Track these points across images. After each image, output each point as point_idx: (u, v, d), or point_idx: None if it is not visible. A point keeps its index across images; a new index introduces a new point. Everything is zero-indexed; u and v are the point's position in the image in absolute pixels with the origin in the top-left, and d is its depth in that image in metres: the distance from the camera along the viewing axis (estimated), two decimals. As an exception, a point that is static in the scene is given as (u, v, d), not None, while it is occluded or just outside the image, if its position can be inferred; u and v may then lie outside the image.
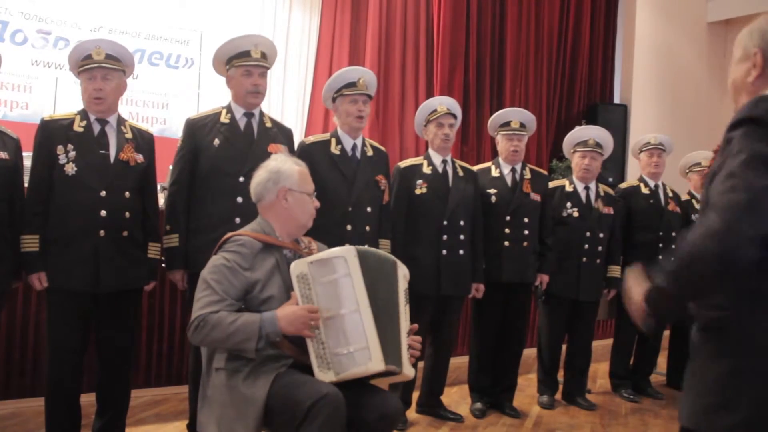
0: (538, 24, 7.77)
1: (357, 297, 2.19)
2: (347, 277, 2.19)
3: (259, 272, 2.25)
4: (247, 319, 2.14)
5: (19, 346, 3.63)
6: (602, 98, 8.21)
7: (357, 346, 2.16)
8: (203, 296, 2.20)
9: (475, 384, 4.06)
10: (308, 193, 2.42)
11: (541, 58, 7.78)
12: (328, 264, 2.21)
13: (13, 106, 5.80)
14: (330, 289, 2.19)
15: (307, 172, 2.47)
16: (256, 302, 2.23)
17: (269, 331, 2.13)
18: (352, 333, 2.17)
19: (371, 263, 2.26)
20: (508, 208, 3.88)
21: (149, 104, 6.30)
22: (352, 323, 2.17)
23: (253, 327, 2.12)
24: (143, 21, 6.36)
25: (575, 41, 8.06)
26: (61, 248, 2.79)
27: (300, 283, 2.19)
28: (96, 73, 2.87)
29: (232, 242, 2.29)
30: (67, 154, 2.80)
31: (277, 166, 2.40)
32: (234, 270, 2.22)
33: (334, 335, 2.17)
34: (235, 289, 2.21)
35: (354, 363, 2.16)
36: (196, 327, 2.17)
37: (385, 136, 6.71)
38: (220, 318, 2.14)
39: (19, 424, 3.40)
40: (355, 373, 2.16)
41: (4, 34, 5.79)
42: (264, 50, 3.16)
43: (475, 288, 3.80)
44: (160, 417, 3.63)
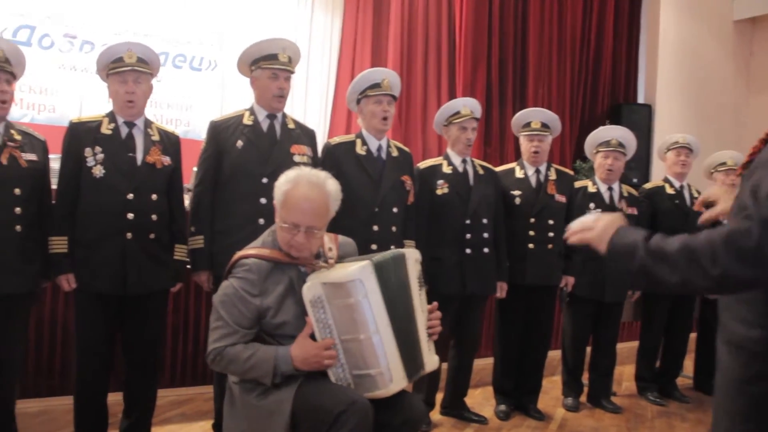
0: (561, 23, 7.72)
1: (376, 319, 2.09)
2: (364, 299, 2.08)
3: (270, 297, 2.18)
4: (261, 356, 2.11)
5: (48, 345, 3.67)
6: (626, 98, 8.14)
7: (377, 369, 2.11)
8: (217, 327, 2.18)
9: (500, 386, 4.04)
10: (282, 221, 2.19)
11: (564, 58, 7.73)
12: (343, 288, 2.08)
13: (41, 109, 5.88)
14: (346, 312, 2.09)
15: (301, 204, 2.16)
16: (270, 327, 2.20)
17: (284, 370, 2.11)
18: (371, 356, 2.10)
19: (389, 275, 2.16)
20: (532, 210, 3.85)
21: (173, 106, 6.35)
22: (370, 347, 2.10)
23: (268, 366, 2.10)
24: (167, 24, 6.42)
25: (598, 40, 8.00)
26: (89, 250, 2.82)
27: (314, 308, 2.12)
28: (128, 76, 2.90)
29: (240, 267, 2.20)
30: (95, 157, 2.83)
31: (279, 177, 2.27)
32: (243, 299, 2.16)
33: (353, 358, 2.12)
34: (247, 318, 2.16)
35: (375, 386, 2.12)
36: (212, 360, 2.18)
37: (407, 137, 6.71)
38: (235, 354, 2.13)
39: (48, 422, 3.44)
40: (376, 395, 2.12)
41: (32, 39, 5.87)
42: (290, 54, 3.18)
43: (500, 287, 3.78)
44: (185, 417, 3.65)
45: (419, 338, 2.24)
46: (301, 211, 2.16)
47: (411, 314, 2.22)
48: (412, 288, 2.23)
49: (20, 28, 5.84)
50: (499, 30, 7.27)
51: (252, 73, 3.19)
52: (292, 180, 2.22)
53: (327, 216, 2.24)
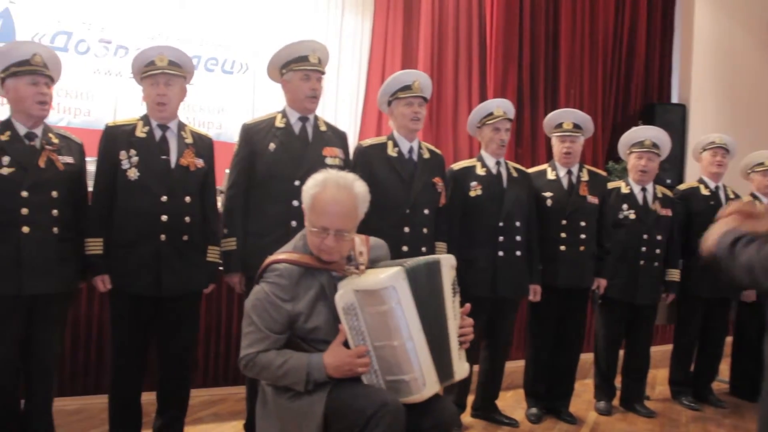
0: (593, 23, 7.63)
1: (409, 325, 2.08)
2: (397, 305, 2.06)
3: (302, 303, 2.17)
4: (294, 364, 2.11)
5: (84, 345, 3.75)
6: (660, 98, 8.02)
7: (410, 375, 2.10)
8: (249, 332, 2.19)
9: (531, 389, 4.01)
10: (311, 225, 2.18)
11: (596, 58, 7.64)
12: (376, 295, 2.07)
13: (77, 113, 5.99)
14: (379, 319, 2.08)
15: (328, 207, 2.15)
16: (302, 332, 2.19)
17: (317, 378, 2.11)
18: (405, 362, 2.09)
19: (421, 281, 2.14)
20: (564, 212, 3.82)
21: (205, 109, 6.43)
22: (404, 353, 2.09)
23: (301, 373, 2.10)
24: (199, 28, 6.50)
25: (631, 39, 7.89)
26: (124, 252, 2.86)
27: (347, 315, 2.11)
28: (159, 79, 2.94)
29: (271, 272, 2.19)
30: (130, 160, 2.87)
31: (307, 181, 2.25)
32: (274, 304, 2.15)
33: (386, 364, 2.12)
34: (278, 324, 2.16)
35: (408, 391, 2.11)
36: (245, 366, 2.19)
37: (438, 139, 6.70)
38: (268, 361, 2.14)
39: (84, 419, 3.51)
40: (409, 400, 2.11)
41: (68, 44, 5.98)
42: (320, 56, 3.20)
43: (533, 290, 3.75)
44: (217, 416, 3.69)
45: (450, 346, 2.21)
46: (329, 214, 2.15)
47: (443, 321, 2.20)
48: (446, 294, 2.21)
49: (57, 34, 5.97)
50: (530, 30, 7.22)
51: (283, 76, 3.21)
52: (319, 183, 2.20)
53: (356, 218, 2.23)
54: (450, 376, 2.22)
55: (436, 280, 2.20)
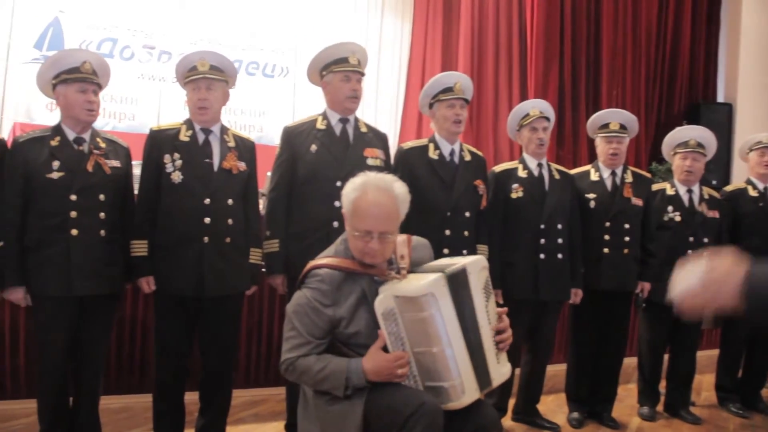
0: (636, 21, 7.51)
1: (448, 332, 2.06)
2: (437, 312, 2.04)
3: (343, 308, 2.17)
4: (333, 369, 2.11)
5: (128, 345, 3.82)
6: (705, 97, 7.86)
7: (450, 382, 2.08)
8: (290, 337, 2.19)
9: (573, 393, 3.96)
10: (354, 229, 2.17)
11: (639, 57, 7.52)
12: (416, 302, 2.05)
13: (122, 118, 6.13)
14: (419, 325, 2.07)
15: (371, 209, 2.14)
16: (343, 337, 2.19)
17: (356, 383, 2.10)
18: (444, 369, 2.08)
19: (461, 288, 2.12)
20: (607, 214, 3.76)
21: (246, 112, 6.52)
22: (443, 360, 2.07)
23: (340, 378, 2.10)
24: (240, 32, 6.59)
25: (675, 38, 7.75)
26: (168, 253, 2.91)
27: (386, 321, 2.11)
28: (201, 83, 2.98)
29: (312, 277, 2.19)
30: (174, 163, 2.92)
31: (346, 185, 2.25)
32: (316, 309, 2.15)
33: (425, 370, 2.11)
34: (319, 329, 2.16)
35: (447, 398, 2.10)
36: (285, 369, 2.20)
37: (479, 141, 6.68)
38: (307, 365, 2.14)
39: (129, 418, 3.57)
40: (449, 407, 2.10)
41: (114, 50, 6.14)
42: (359, 57, 3.22)
43: (574, 293, 3.71)
44: (258, 417, 3.72)
45: (485, 352, 2.18)
46: (372, 217, 2.14)
47: (476, 329, 2.17)
48: (476, 300, 2.16)
49: (104, 40, 6.12)
50: (572, 30, 7.15)
51: (323, 78, 3.23)
52: (359, 187, 2.19)
53: (398, 220, 2.22)
54: (488, 383, 2.20)
55: (464, 287, 2.17)
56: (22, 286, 2.78)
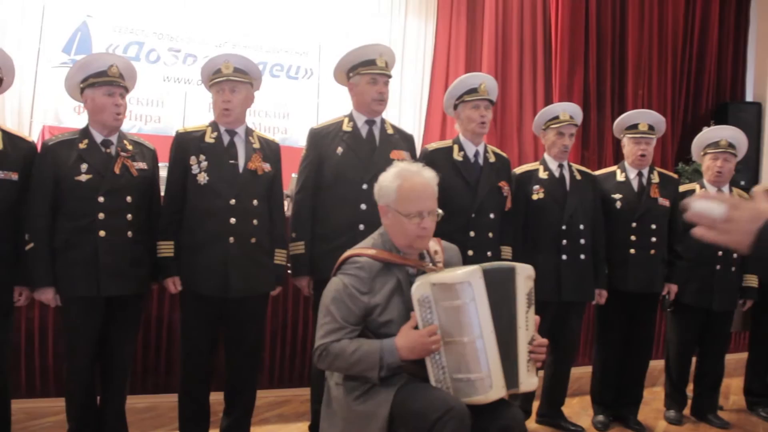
0: (662, 19, 7.43)
1: (481, 323, 2.10)
2: (471, 302, 2.10)
3: (379, 296, 2.21)
4: (367, 349, 2.13)
5: (154, 345, 3.86)
6: (733, 96, 7.74)
7: (478, 375, 2.10)
8: (324, 323, 2.22)
9: (598, 396, 3.92)
10: (406, 214, 2.24)
11: (665, 56, 7.44)
12: (452, 289, 2.11)
13: (147, 120, 6.20)
14: (453, 314, 2.11)
15: (418, 189, 2.26)
16: (374, 325, 2.22)
17: (390, 362, 2.12)
18: (473, 360, 2.10)
19: (496, 283, 2.15)
20: (634, 214, 3.72)
21: (271, 114, 6.56)
22: (473, 351, 2.10)
23: (374, 357, 2.12)
24: (264, 35, 6.64)
25: (702, 36, 7.65)
26: (194, 254, 2.93)
27: (421, 307, 2.14)
28: (225, 86, 3.00)
29: (351, 264, 2.25)
30: (200, 164, 2.94)
31: (381, 179, 2.33)
32: (352, 296, 2.19)
33: (455, 361, 2.12)
34: (354, 315, 2.20)
35: (474, 391, 2.11)
36: (319, 355, 2.21)
37: (503, 142, 6.65)
38: (341, 348, 2.16)
39: (154, 417, 3.61)
40: (475, 401, 2.11)
41: (140, 54, 6.21)
42: (387, 59, 3.23)
43: (598, 294, 3.68)
44: (282, 417, 3.74)
45: (518, 355, 2.19)
46: (422, 196, 2.26)
47: (514, 328, 2.19)
48: (518, 303, 2.20)
49: (130, 44, 6.20)
50: (597, 29, 7.09)
51: (350, 80, 3.24)
52: (397, 175, 2.29)
53: (437, 198, 2.33)
54: (515, 384, 2.19)
55: (510, 287, 2.21)
56: (51, 287, 2.82)
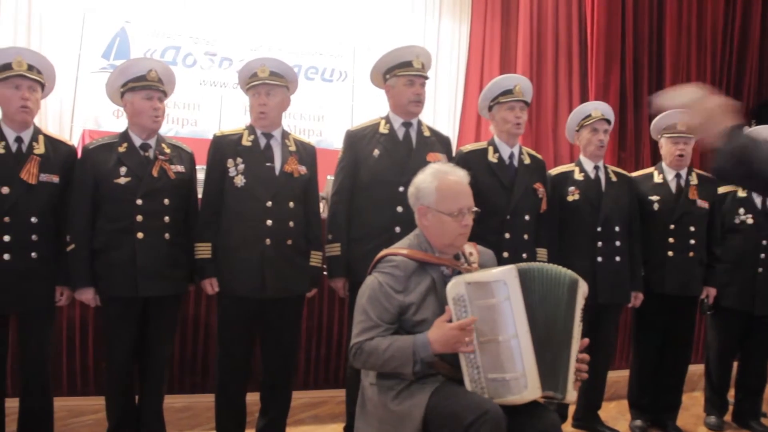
0: (701, 17, 7.27)
1: (516, 322, 2.09)
2: (506, 301, 2.10)
3: (413, 295, 2.23)
4: (400, 345, 2.14)
5: (191, 345, 3.91)
6: (775, 96, 7.57)
7: (513, 374, 2.09)
8: (359, 321, 2.24)
9: (636, 400, 3.87)
10: (448, 212, 2.28)
11: (704, 54, 7.28)
12: (487, 288, 2.11)
13: (184, 123, 6.29)
14: (487, 313, 2.11)
15: (456, 187, 2.32)
16: (409, 324, 2.23)
17: (423, 356, 2.12)
18: (508, 360, 2.09)
19: (534, 284, 2.15)
20: (671, 216, 3.67)
21: (306, 117, 6.60)
22: (508, 350, 2.09)
23: (407, 353, 2.12)
24: (299, 38, 6.69)
25: (743, 34, 7.46)
26: (231, 255, 2.96)
27: (456, 306, 2.14)
28: (260, 89, 3.04)
29: (387, 263, 2.28)
30: (237, 167, 2.98)
31: (418, 181, 2.37)
32: (387, 294, 2.22)
33: (489, 360, 2.12)
34: (389, 313, 2.21)
35: (509, 391, 2.10)
36: (354, 354, 2.23)
37: (538, 143, 6.60)
38: (375, 345, 2.17)
39: (191, 417, 3.65)
40: (509, 401, 2.09)
41: (177, 58, 6.31)
42: (423, 61, 3.23)
43: (634, 296, 3.63)
44: (317, 419, 3.76)
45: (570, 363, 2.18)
46: (462, 194, 2.31)
47: (568, 336, 2.19)
48: (576, 315, 2.21)
49: (167, 49, 6.31)
50: (634, 28, 6.97)
51: (386, 82, 3.25)
52: (434, 175, 2.34)
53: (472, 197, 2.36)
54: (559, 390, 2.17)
55: (572, 298, 2.22)
56: (91, 287, 2.88)
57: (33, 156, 2.84)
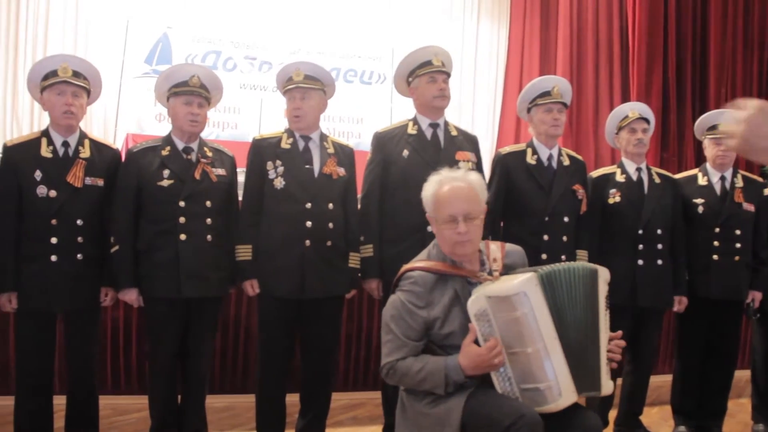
0: (747, 14, 7.10)
1: (542, 333, 2.04)
2: (530, 312, 2.04)
3: (437, 308, 2.19)
4: (432, 368, 2.13)
5: (232, 346, 3.95)
6: (825, 95, 7.36)
7: (545, 383, 2.06)
8: (387, 341, 2.23)
9: (679, 406, 3.79)
10: (442, 220, 2.22)
11: (751, 53, 7.11)
12: (508, 301, 2.05)
13: (224, 127, 6.38)
14: (512, 326, 2.06)
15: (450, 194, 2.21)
16: (438, 338, 2.21)
17: (455, 379, 2.11)
18: (539, 370, 2.06)
19: (558, 286, 2.10)
20: (717, 219, 3.59)
21: (345, 119, 6.64)
22: (538, 360, 2.05)
23: (439, 376, 2.11)
24: (338, 41, 6.73)
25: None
26: (271, 257, 2.99)
27: (479, 321, 2.11)
28: (295, 93, 3.08)
29: (405, 280, 2.24)
30: (276, 170, 3.02)
31: (423, 190, 2.31)
32: (410, 311, 2.18)
33: (520, 371, 2.09)
34: (415, 331, 2.19)
35: (544, 400, 2.07)
36: (386, 374, 2.23)
37: (579, 145, 6.53)
38: (407, 367, 2.16)
39: (232, 417, 3.70)
40: (545, 410, 2.06)
41: (218, 63, 6.40)
42: (443, 59, 3.25)
43: (678, 301, 3.57)
44: (356, 420, 3.77)
45: (601, 358, 2.15)
46: (453, 200, 2.21)
47: (594, 331, 2.15)
48: (600, 306, 2.16)
49: (208, 53, 6.41)
50: (676, 27, 6.84)
51: (410, 85, 3.27)
52: (435, 182, 2.28)
53: (479, 202, 2.25)
54: (595, 388, 2.15)
55: (593, 289, 2.16)
56: (134, 288, 2.94)
57: (79, 160, 2.92)
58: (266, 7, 6.64)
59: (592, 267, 2.20)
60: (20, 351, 2.93)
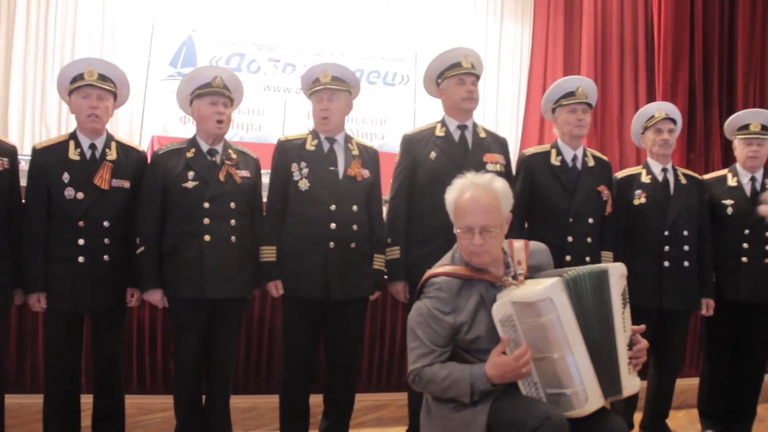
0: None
1: (568, 338, 2.03)
2: (555, 318, 2.02)
3: (464, 314, 2.18)
4: (458, 376, 2.12)
5: (256, 347, 3.97)
6: None
7: (572, 389, 2.04)
8: (414, 348, 2.22)
9: (707, 410, 3.73)
10: (458, 228, 2.20)
11: (780, 53, 7.01)
12: (533, 307, 2.03)
13: (248, 128, 6.43)
14: (538, 331, 2.04)
15: (467, 204, 2.19)
16: (464, 343, 2.20)
17: (481, 388, 2.10)
18: (565, 375, 2.04)
19: (584, 291, 2.09)
20: (746, 221, 3.53)
21: (368, 121, 6.65)
22: (564, 366, 2.04)
23: (465, 384, 2.10)
24: (361, 42, 6.75)
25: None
26: (295, 258, 3.00)
27: (504, 327, 2.09)
28: (323, 94, 3.08)
29: (430, 286, 2.22)
30: (301, 171, 3.03)
31: (446, 194, 2.29)
32: (436, 318, 2.17)
33: (547, 377, 2.08)
34: (442, 337, 2.18)
35: (570, 405, 2.05)
36: (412, 380, 2.22)
37: (603, 145, 6.48)
38: (432, 374, 2.15)
39: (255, 417, 3.72)
40: (571, 415, 2.05)
41: (241, 65, 6.45)
42: (472, 61, 3.24)
43: (705, 303, 3.52)
44: (380, 421, 3.77)
45: (618, 359, 2.13)
46: (471, 212, 2.17)
47: (611, 333, 2.13)
48: (614, 306, 2.14)
49: (232, 56, 6.46)
50: (703, 25, 6.76)
51: (439, 86, 3.26)
52: (457, 188, 2.24)
53: (500, 214, 2.21)
54: (617, 391, 2.13)
55: (604, 290, 2.14)
56: (159, 289, 2.96)
57: (106, 162, 2.95)
58: (290, 9, 6.68)
59: (600, 267, 2.17)
60: (49, 351, 2.97)
